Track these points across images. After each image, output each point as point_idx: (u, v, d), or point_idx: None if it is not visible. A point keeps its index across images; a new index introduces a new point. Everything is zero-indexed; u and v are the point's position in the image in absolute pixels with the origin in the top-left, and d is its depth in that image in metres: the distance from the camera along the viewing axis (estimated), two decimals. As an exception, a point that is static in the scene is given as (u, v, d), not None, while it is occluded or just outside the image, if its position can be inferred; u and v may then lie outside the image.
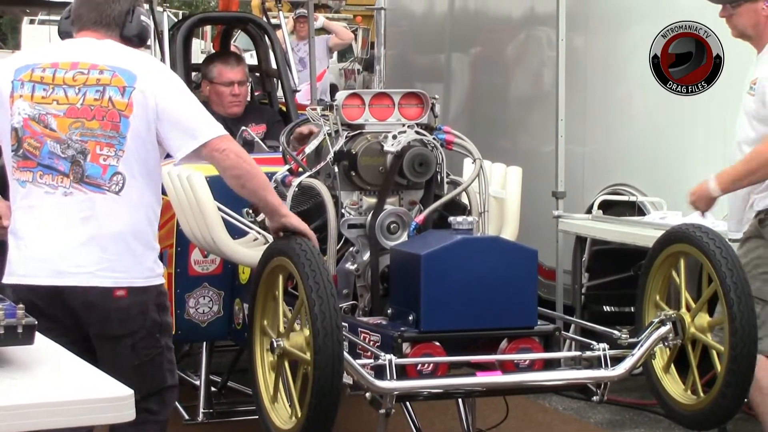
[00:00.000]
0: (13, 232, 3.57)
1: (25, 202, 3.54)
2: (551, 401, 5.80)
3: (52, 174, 3.50)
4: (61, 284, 3.50)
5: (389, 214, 4.21)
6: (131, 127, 3.51)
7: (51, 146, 3.50)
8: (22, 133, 3.53)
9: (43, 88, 3.54)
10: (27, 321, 2.71)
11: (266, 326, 3.91)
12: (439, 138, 4.29)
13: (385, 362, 3.64)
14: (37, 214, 3.52)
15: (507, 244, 4.09)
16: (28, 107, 3.53)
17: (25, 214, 3.54)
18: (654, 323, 4.04)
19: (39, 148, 3.51)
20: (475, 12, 8.13)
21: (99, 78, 3.53)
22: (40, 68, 3.56)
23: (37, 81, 3.54)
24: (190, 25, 6.25)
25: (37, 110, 3.52)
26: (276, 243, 3.92)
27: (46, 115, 3.52)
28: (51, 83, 3.54)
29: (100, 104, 3.52)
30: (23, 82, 3.54)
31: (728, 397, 3.90)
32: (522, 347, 3.89)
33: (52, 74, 3.54)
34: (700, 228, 4.07)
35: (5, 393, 2.52)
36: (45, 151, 3.51)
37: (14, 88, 3.54)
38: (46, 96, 3.53)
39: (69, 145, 3.50)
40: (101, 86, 3.53)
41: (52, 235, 3.50)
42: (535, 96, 7.22)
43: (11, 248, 3.57)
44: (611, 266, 6.14)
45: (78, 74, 3.54)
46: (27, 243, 3.53)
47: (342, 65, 19.37)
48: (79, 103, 3.52)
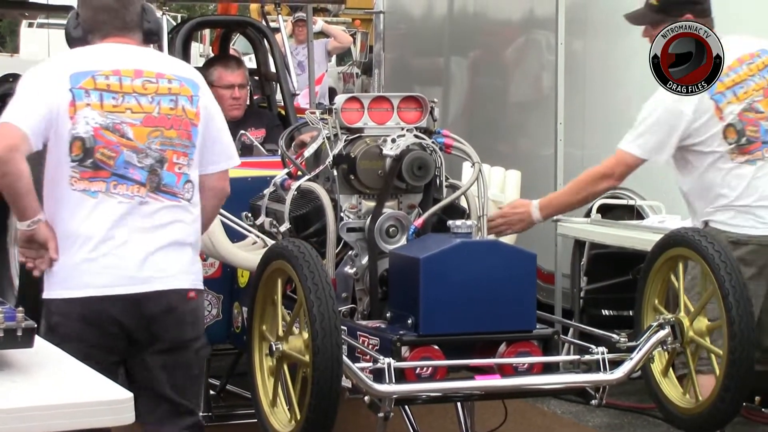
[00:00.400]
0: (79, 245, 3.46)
1: (95, 213, 3.46)
2: (550, 405, 5.81)
3: (127, 184, 3.47)
4: (144, 291, 3.48)
5: (388, 217, 4.21)
6: (198, 135, 3.59)
7: (127, 156, 3.47)
8: (92, 143, 3.45)
9: (113, 97, 3.48)
10: (26, 324, 2.71)
11: (265, 330, 3.91)
12: (438, 142, 4.29)
13: (383, 366, 3.64)
14: (112, 225, 3.46)
15: (506, 248, 4.09)
16: (99, 116, 3.46)
17: (96, 225, 3.46)
18: (653, 327, 4.04)
19: (114, 157, 3.46)
20: (474, 15, 8.14)
21: (170, 87, 3.55)
22: (102, 75, 3.49)
23: (103, 89, 3.48)
24: (189, 28, 6.25)
25: (110, 119, 3.47)
26: (275, 246, 3.92)
27: (121, 124, 3.48)
28: (120, 91, 3.49)
29: (176, 113, 3.55)
30: (87, 90, 3.47)
31: (727, 401, 3.90)
32: (521, 351, 3.89)
33: (119, 82, 3.50)
34: (699, 232, 4.08)
35: (5, 396, 2.52)
36: (120, 161, 3.47)
37: (76, 97, 3.45)
38: (118, 104, 3.48)
39: (147, 154, 3.49)
40: (174, 95, 3.55)
41: (131, 244, 3.47)
42: (534, 99, 7.23)
43: (77, 262, 3.47)
44: (610, 270, 6.14)
45: (146, 82, 3.52)
46: (103, 254, 3.46)
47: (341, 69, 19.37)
48: (155, 112, 3.51)
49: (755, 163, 4.51)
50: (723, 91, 4.51)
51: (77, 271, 3.46)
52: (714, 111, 4.51)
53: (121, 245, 3.47)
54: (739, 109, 4.51)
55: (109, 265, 3.46)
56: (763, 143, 4.52)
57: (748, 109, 4.52)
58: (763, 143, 4.52)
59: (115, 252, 3.46)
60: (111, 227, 3.47)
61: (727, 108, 4.51)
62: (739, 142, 4.51)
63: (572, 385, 4.06)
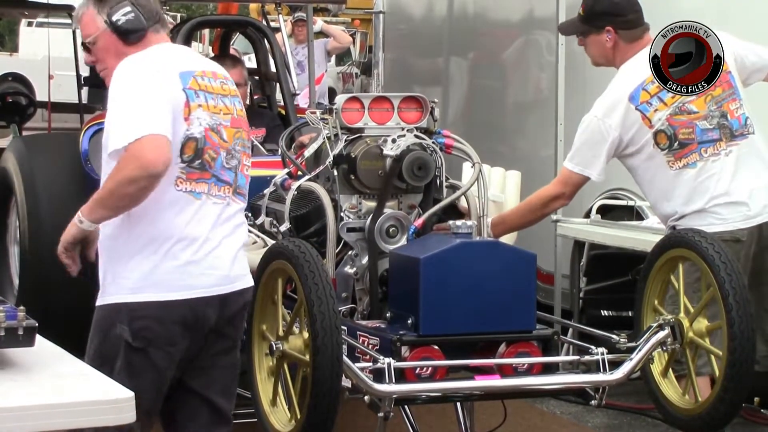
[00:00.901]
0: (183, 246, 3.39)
1: (199, 215, 3.42)
2: (549, 405, 5.81)
3: (220, 185, 3.45)
4: (233, 290, 3.48)
5: (388, 217, 4.22)
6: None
7: (223, 157, 3.45)
8: (203, 144, 3.40)
9: (211, 97, 3.45)
10: (28, 323, 2.72)
11: (265, 330, 3.92)
12: (438, 142, 4.30)
13: (383, 366, 3.65)
14: (212, 226, 3.43)
15: (506, 249, 4.09)
16: (208, 117, 3.42)
17: (201, 226, 3.42)
18: (652, 327, 4.05)
19: (215, 159, 3.44)
20: (474, 16, 8.14)
21: (231, 89, 3.52)
22: (199, 76, 3.44)
23: (205, 90, 3.44)
24: (189, 28, 6.25)
25: (215, 120, 3.44)
26: (275, 246, 3.92)
27: (220, 125, 3.45)
28: (213, 92, 3.46)
29: (242, 115, 3.54)
30: (195, 90, 3.41)
31: (726, 402, 3.90)
32: (520, 351, 3.89)
33: (209, 83, 3.46)
34: (699, 233, 4.09)
35: (6, 395, 2.53)
36: (219, 163, 3.45)
37: (189, 97, 3.39)
38: (216, 105, 3.45)
39: (233, 155, 3.47)
40: (235, 96, 3.53)
41: (224, 245, 3.44)
42: (533, 100, 7.24)
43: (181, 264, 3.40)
44: (609, 270, 6.14)
45: (221, 83, 3.49)
46: (205, 255, 3.42)
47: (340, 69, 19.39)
48: (235, 113, 3.50)
49: (695, 165, 4.49)
50: (648, 100, 4.51)
51: (181, 273, 3.39)
52: (642, 121, 4.50)
53: (218, 246, 3.43)
54: (667, 114, 4.49)
55: (212, 266, 3.42)
56: (700, 143, 4.50)
57: (678, 113, 4.50)
58: (699, 144, 4.49)
59: (215, 253, 3.43)
60: (211, 228, 3.42)
61: (654, 116, 4.49)
62: (671, 147, 4.49)
63: (572, 386, 4.07)
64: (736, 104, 4.55)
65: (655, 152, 4.51)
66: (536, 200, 4.66)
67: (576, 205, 6.29)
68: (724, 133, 4.51)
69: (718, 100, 4.53)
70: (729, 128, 4.52)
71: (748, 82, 4.68)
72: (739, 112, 4.55)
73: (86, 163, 5.65)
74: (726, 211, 4.47)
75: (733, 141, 4.52)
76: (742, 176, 4.50)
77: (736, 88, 4.57)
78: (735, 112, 4.54)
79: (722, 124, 4.52)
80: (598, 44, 4.72)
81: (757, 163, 4.57)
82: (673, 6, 5.83)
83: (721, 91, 4.53)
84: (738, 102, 4.56)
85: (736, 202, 4.48)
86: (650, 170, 4.54)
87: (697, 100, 4.50)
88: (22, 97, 8.45)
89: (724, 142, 4.51)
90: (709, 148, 4.50)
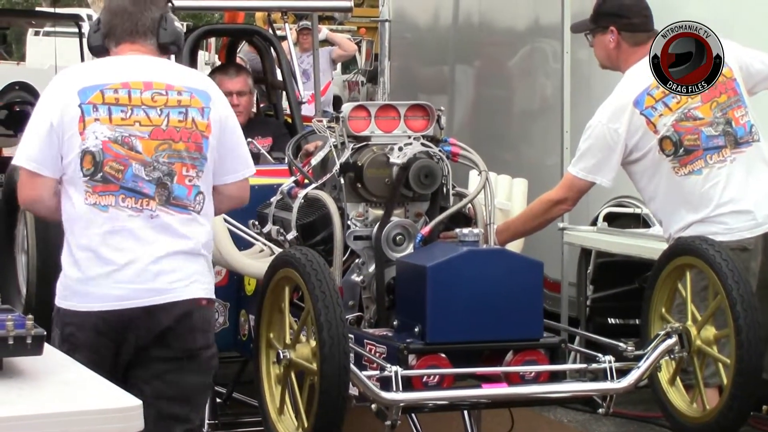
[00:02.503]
0: (91, 259, 3.46)
1: (107, 227, 3.46)
2: (556, 414, 5.80)
3: (135, 197, 3.45)
4: (157, 303, 3.47)
5: (395, 225, 4.22)
6: (210, 147, 3.54)
7: (135, 169, 3.45)
8: (101, 157, 3.44)
9: (121, 110, 3.46)
10: (36, 332, 2.72)
11: (272, 338, 3.92)
12: (444, 150, 4.30)
13: (390, 374, 3.65)
14: (123, 238, 3.46)
15: (513, 256, 4.10)
16: (107, 130, 3.45)
17: (109, 238, 3.46)
18: (660, 336, 4.04)
19: (122, 171, 3.45)
20: (479, 24, 8.15)
21: (179, 99, 3.52)
22: (110, 89, 3.48)
23: (112, 103, 3.47)
24: (196, 36, 6.26)
25: (119, 132, 3.46)
26: (282, 254, 3.92)
27: (130, 137, 3.46)
28: (128, 104, 3.48)
29: (185, 126, 3.51)
30: (95, 105, 3.46)
31: (734, 410, 3.90)
32: (527, 359, 3.89)
33: (127, 95, 3.49)
34: (706, 240, 4.08)
35: (14, 403, 2.53)
36: (129, 174, 3.45)
37: (85, 112, 3.44)
38: (126, 117, 3.46)
39: (155, 167, 3.47)
40: (183, 107, 3.52)
41: (140, 257, 3.46)
42: (539, 108, 7.24)
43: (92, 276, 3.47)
44: (616, 278, 6.14)
45: (156, 95, 3.50)
46: (117, 268, 3.46)
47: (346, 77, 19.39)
48: (164, 125, 3.49)
49: (701, 172, 4.49)
50: (653, 105, 4.51)
51: (93, 285, 3.46)
52: (646, 126, 4.50)
53: (134, 261, 3.46)
54: (672, 119, 4.49)
55: (122, 279, 3.45)
56: (705, 150, 4.49)
57: (683, 119, 4.50)
58: (704, 150, 4.49)
59: (132, 266, 3.45)
60: (122, 240, 3.46)
61: (659, 121, 4.49)
62: (677, 153, 4.49)
63: (579, 394, 4.06)
64: (741, 111, 4.55)
65: (661, 158, 4.50)
66: (539, 206, 4.66)
67: (582, 212, 6.30)
68: (729, 140, 4.51)
69: (724, 107, 4.53)
70: (734, 135, 4.52)
71: (754, 91, 4.68)
72: (744, 120, 4.55)
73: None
74: (732, 220, 4.46)
75: (738, 148, 4.52)
76: (747, 184, 4.50)
77: (741, 96, 4.57)
78: (740, 119, 4.54)
79: (727, 131, 4.51)
80: (602, 44, 4.73)
81: (762, 170, 4.57)
82: (679, 13, 5.83)
83: (727, 98, 4.53)
84: (743, 109, 4.56)
85: (741, 210, 4.47)
86: (655, 177, 4.54)
87: (702, 106, 4.50)
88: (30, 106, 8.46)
89: (729, 149, 4.51)
90: (714, 154, 4.49)
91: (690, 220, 4.48)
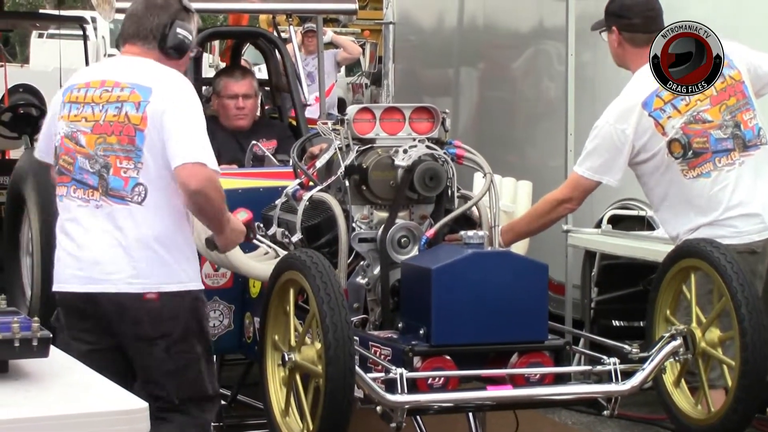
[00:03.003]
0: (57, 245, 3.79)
1: (64, 216, 3.77)
2: (561, 416, 5.80)
3: (84, 188, 3.70)
4: (95, 291, 3.68)
5: (400, 228, 4.22)
6: (146, 139, 3.66)
7: (81, 162, 3.70)
8: (59, 151, 3.76)
9: (76, 107, 3.75)
10: (42, 334, 2.73)
11: (277, 340, 3.92)
12: (449, 152, 4.30)
13: (396, 376, 3.65)
14: (74, 227, 3.72)
15: (517, 259, 4.09)
16: (65, 126, 3.76)
17: (65, 226, 3.76)
18: (664, 338, 4.04)
19: (72, 163, 3.72)
20: (483, 26, 8.15)
21: (119, 95, 3.70)
22: (76, 88, 3.79)
23: (72, 101, 3.77)
24: (200, 39, 6.25)
25: (70, 128, 3.74)
26: (287, 256, 3.93)
27: (77, 132, 3.73)
28: (82, 102, 3.74)
29: (118, 120, 3.68)
30: (66, 103, 3.79)
31: (739, 412, 3.90)
32: (532, 361, 3.89)
33: (84, 93, 3.75)
34: (711, 243, 4.08)
35: (20, 405, 2.53)
36: (77, 167, 3.71)
37: (61, 110, 3.81)
38: (78, 114, 3.74)
39: (96, 160, 3.68)
40: (120, 102, 3.69)
41: (85, 245, 3.69)
42: (543, 110, 7.24)
43: (55, 260, 3.79)
44: (620, 281, 6.14)
45: (104, 92, 3.72)
46: (67, 254, 3.74)
47: (350, 80, 19.41)
48: (101, 120, 3.70)
49: (709, 175, 4.47)
50: (662, 107, 4.49)
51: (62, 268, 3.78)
52: (655, 128, 4.48)
53: (82, 247, 3.69)
54: (681, 122, 4.47)
55: (77, 264, 3.70)
56: (714, 153, 4.48)
57: (692, 121, 4.48)
58: (713, 153, 4.48)
59: (80, 253, 3.70)
60: (73, 229, 3.72)
61: (668, 123, 4.47)
62: (685, 156, 4.47)
63: (584, 396, 4.07)
64: (750, 114, 4.55)
65: (669, 161, 4.50)
66: (543, 205, 4.64)
67: (587, 215, 6.31)
68: (738, 143, 4.50)
69: (732, 110, 4.52)
70: (742, 138, 4.51)
71: (762, 93, 4.67)
72: (753, 123, 4.55)
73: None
74: (741, 224, 4.46)
75: (746, 151, 4.51)
76: (755, 187, 4.49)
77: (749, 98, 4.56)
78: (748, 122, 4.54)
79: (736, 134, 4.51)
80: (610, 44, 4.73)
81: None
82: (682, 13, 5.82)
83: (736, 101, 4.53)
84: (752, 112, 4.55)
85: (750, 213, 4.47)
86: (664, 179, 4.53)
87: (711, 109, 4.50)
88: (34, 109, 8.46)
89: (738, 152, 4.50)
90: (723, 157, 4.49)
91: (698, 222, 4.47)
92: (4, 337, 2.68)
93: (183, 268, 3.74)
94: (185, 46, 3.79)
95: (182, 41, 3.77)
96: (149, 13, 3.74)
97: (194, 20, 3.85)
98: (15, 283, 6.19)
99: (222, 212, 3.74)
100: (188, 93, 3.72)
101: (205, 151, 3.63)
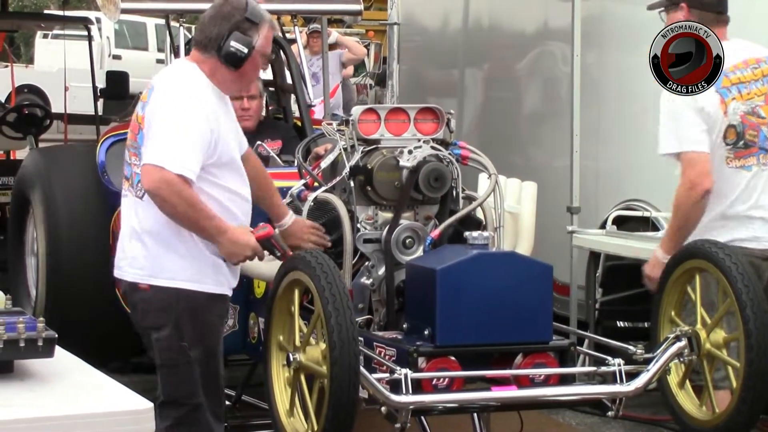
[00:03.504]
0: None
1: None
2: (565, 416, 5.80)
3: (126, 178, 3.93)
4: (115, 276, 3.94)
5: (405, 228, 4.23)
6: (144, 138, 3.78)
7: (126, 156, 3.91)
8: None
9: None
10: (47, 334, 2.73)
11: (282, 341, 3.92)
12: (454, 153, 4.30)
13: (400, 376, 3.65)
14: None
15: (522, 260, 4.10)
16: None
17: None
18: (669, 339, 4.04)
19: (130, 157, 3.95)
20: (488, 27, 8.15)
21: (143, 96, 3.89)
22: None
23: None
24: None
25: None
26: (292, 257, 3.93)
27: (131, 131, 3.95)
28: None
29: (134, 118, 3.89)
30: None
31: (744, 413, 3.90)
32: (537, 362, 3.90)
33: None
34: (716, 244, 4.08)
35: (26, 405, 2.54)
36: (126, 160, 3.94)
37: None
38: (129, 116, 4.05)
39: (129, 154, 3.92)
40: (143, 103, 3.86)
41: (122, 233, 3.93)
42: (548, 111, 7.23)
43: None
44: (625, 281, 6.13)
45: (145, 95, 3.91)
46: None
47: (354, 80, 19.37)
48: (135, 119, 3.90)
49: (750, 168, 4.47)
50: (728, 87, 4.47)
51: None
52: (719, 104, 4.45)
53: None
54: (742, 109, 4.45)
55: None
56: (761, 149, 4.47)
57: (751, 113, 4.47)
58: (760, 149, 4.47)
59: None
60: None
61: (731, 104, 4.45)
62: (737, 144, 4.45)
63: (588, 397, 4.07)
64: None
65: (719, 145, 4.46)
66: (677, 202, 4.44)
67: (592, 215, 6.31)
68: None
69: None
70: None
71: None
72: None
73: (103, 175, 5.66)
74: (760, 228, 4.44)
75: None
76: None
77: None
78: None
79: None
80: (673, 21, 4.65)
81: None
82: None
83: None
84: None
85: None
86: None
87: (765, 106, 4.49)
88: (38, 109, 8.46)
89: None
90: (766, 156, 4.48)
91: (728, 212, 4.42)
92: (9, 338, 2.68)
93: (175, 265, 3.75)
94: (237, 58, 3.77)
95: (234, 53, 3.75)
96: (212, 22, 3.79)
97: (262, 31, 3.80)
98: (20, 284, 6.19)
99: (189, 218, 3.69)
100: (172, 95, 3.76)
101: (167, 155, 3.64)
